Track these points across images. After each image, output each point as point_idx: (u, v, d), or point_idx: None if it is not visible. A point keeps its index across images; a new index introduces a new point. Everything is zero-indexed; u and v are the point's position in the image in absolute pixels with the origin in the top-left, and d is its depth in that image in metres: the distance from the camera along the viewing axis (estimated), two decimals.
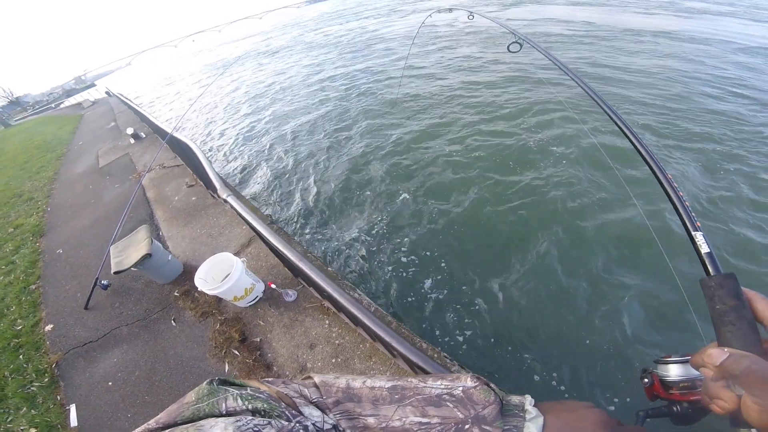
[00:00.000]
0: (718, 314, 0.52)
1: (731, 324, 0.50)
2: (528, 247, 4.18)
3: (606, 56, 9.91)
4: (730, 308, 0.51)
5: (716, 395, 0.48)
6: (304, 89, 12.92)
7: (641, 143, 0.91)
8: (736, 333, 0.49)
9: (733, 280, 0.53)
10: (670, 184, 0.77)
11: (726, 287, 0.52)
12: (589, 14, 15.32)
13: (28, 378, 3.11)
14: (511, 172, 5.48)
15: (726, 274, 0.54)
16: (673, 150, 5.43)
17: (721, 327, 0.51)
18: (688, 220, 0.68)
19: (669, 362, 0.60)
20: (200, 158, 3.31)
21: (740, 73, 8.13)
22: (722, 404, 0.47)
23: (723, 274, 0.55)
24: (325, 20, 38.72)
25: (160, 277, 3.59)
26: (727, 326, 0.50)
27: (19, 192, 8.03)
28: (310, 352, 2.59)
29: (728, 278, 0.53)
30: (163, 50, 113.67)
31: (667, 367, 0.60)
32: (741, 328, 0.49)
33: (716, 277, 0.55)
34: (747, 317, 0.49)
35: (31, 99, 68.92)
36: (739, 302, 0.50)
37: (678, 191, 0.74)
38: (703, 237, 0.64)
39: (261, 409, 0.49)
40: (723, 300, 0.52)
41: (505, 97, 8.08)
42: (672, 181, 0.77)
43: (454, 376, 0.64)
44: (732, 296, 0.51)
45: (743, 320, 0.49)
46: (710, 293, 0.54)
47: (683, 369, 0.59)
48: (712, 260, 0.60)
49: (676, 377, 0.59)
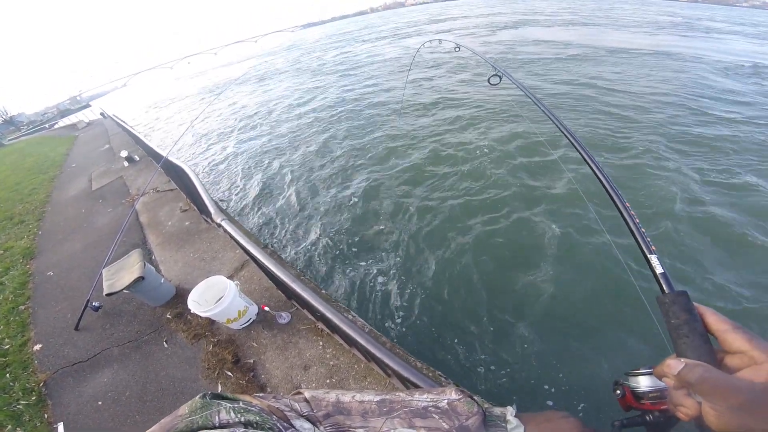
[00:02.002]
0: (673, 328, 0.55)
1: (685, 336, 0.53)
2: (510, 271, 4.38)
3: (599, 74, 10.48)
4: (683, 322, 0.54)
5: (679, 403, 0.51)
6: (296, 116, 13.21)
7: (604, 176, 0.98)
8: (690, 344, 0.52)
9: (684, 297, 0.56)
10: (627, 212, 0.82)
11: (678, 303, 0.56)
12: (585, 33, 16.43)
13: (14, 396, 3.08)
14: (492, 208, 5.67)
15: (678, 291, 0.58)
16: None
17: (677, 339, 0.54)
18: (644, 244, 0.74)
19: (638, 374, 0.64)
20: (195, 182, 3.40)
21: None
22: (685, 411, 0.50)
23: (676, 292, 0.58)
24: (320, 45, 39.79)
25: (153, 299, 3.62)
26: (682, 339, 0.53)
27: (10, 215, 7.95)
28: (304, 373, 2.63)
29: (680, 295, 0.57)
30: (159, 72, 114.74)
31: (636, 378, 0.64)
32: (694, 340, 0.52)
33: (670, 294, 0.59)
34: (699, 330, 0.53)
35: (25, 118, 68.68)
36: (690, 316, 0.54)
37: (635, 219, 0.80)
38: (657, 259, 0.68)
39: (253, 421, 0.50)
40: (677, 315, 0.55)
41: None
42: (629, 209, 0.82)
43: (439, 389, 0.68)
44: (684, 311, 0.55)
45: (696, 333, 0.52)
46: (665, 309, 0.58)
47: (652, 380, 0.62)
48: (666, 279, 0.64)
49: (646, 388, 0.62)
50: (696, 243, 4.44)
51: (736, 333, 0.49)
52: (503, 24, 24.79)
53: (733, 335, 0.49)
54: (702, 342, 0.52)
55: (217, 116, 16.86)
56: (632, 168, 6.09)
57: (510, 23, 24.91)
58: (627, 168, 6.11)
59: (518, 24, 25.03)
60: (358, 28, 51.32)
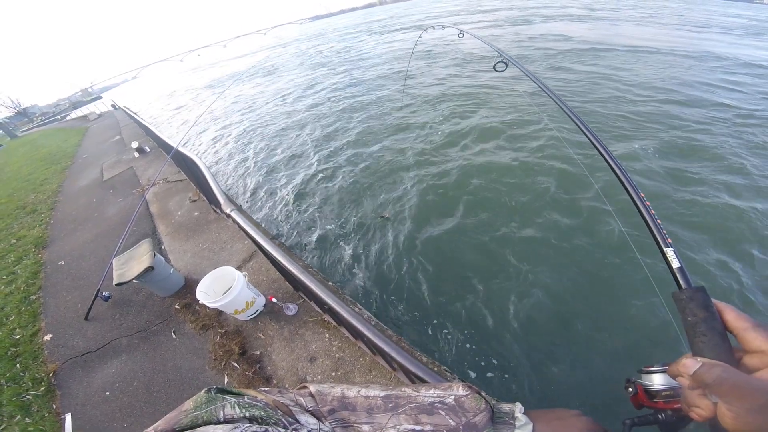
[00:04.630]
0: (690, 326, 0.53)
1: (703, 335, 0.51)
2: (518, 264, 4.28)
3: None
4: (700, 320, 0.52)
5: (694, 403, 0.50)
6: (306, 106, 13.15)
7: (620, 168, 0.94)
8: (708, 343, 0.50)
9: (702, 293, 0.54)
10: (642, 203, 0.80)
11: (696, 300, 0.54)
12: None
13: (24, 386, 3.11)
14: (502, 198, 5.56)
15: (696, 287, 0.56)
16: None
17: (694, 338, 0.52)
18: (660, 237, 0.71)
19: (651, 372, 0.61)
20: (205, 174, 3.38)
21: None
22: (699, 412, 0.49)
23: (693, 288, 0.56)
24: (327, 37, 39.57)
25: (162, 290, 3.63)
26: (699, 337, 0.52)
27: (23, 204, 8.10)
28: (310, 366, 2.61)
29: (698, 291, 0.55)
30: (169, 64, 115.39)
31: (650, 376, 0.61)
32: (712, 339, 0.50)
33: (687, 290, 0.57)
34: (717, 328, 0.51)
35: (38, 110, 69.77)
36: (709, 314, 0.52)
37: (650, 209, 0.77)
38: (674, 252, 0.66)
39: (258, 416, 0.50)
40: (694, 312, 0.53)
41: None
42: (644, 200, 0.80)
43: (446, 385, 0.67)
44: (702, 308, 0.53)
45: (714, 331, 0.51)
46: (682, 306, 0.56)
47: (665, 378, 0.60)
48: (683, 274, 0.62)
49: (659, 386, 0.59)
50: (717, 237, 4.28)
51: (757, 331, 0.47)
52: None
53: (754, 333, 0.47)
54: (720, 340, 0.50)
55: (227, 107, 16.85)
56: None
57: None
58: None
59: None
60: (366, 21, 50.65)
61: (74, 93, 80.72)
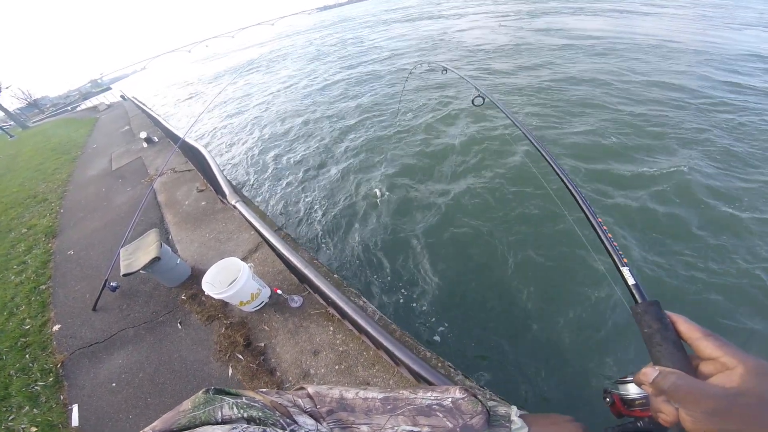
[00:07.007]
0: (647, 336, 0.57)
1: (659, 344, 0.54)
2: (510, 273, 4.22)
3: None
4: (655, 330, 0.56)
5: (659, 409, 0.52)
6: (314, 99, 13.09)
7: (580, 195, 1.02)
8: (664, 352, 0.53)
9: (656, 306, 0.58)
10: (600, 227, 0.86)
11: (650, 312, 0.58)
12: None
13: (32, 377, 3.14)
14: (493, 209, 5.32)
15: (650, 301, 0.60)
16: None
17: (651, 348, 0.56)
18: (617, 257, 0.77)
19: (626, 382, 0.64)
20: (211, 164, 3.35)
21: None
22: (665, 417, 0.51)
23: (648, 302, 0.60)
24: (336, 28, 39.21)
25: (169, 280, 3.64)
26: (655, 347, 0.55)
27: (34, 193, 8.21)
28: (313, 359, 2.59)
29: (652, 305, 0.59)
30: (178, 55, 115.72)
31: (625, 386, 0.64)
32: (667, 348, 0.53)
33: (642, 304, 0.61)
34: (671, 338, 0.54)
35: (48, 101, 70.49)
36: (662, 325, 0.56)
37: (607, 233, 0.83)
38: (629, 271, 0.71)
39: (256, 417, 0.50)
40: (649, 324, 0.57)
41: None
42: (602, 225, 0.87)
43: (443, 388, 0.68)
44: (656, 320, 0.56)
45: (668, 341, 0.54)
46: (639, 318, 0.60)
47: (638, 387, 0.62)
48: (639, 290, 0.66)
49: (634, 395, 0.62)
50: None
51: (708, 340, 0.49)
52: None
53: (705, 342, 0.50)
54: (675, 349, 0.53)
55: (234, 99, 16.88)
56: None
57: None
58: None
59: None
60: (377, 12, 49.92)
61: (84, 84, 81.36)
